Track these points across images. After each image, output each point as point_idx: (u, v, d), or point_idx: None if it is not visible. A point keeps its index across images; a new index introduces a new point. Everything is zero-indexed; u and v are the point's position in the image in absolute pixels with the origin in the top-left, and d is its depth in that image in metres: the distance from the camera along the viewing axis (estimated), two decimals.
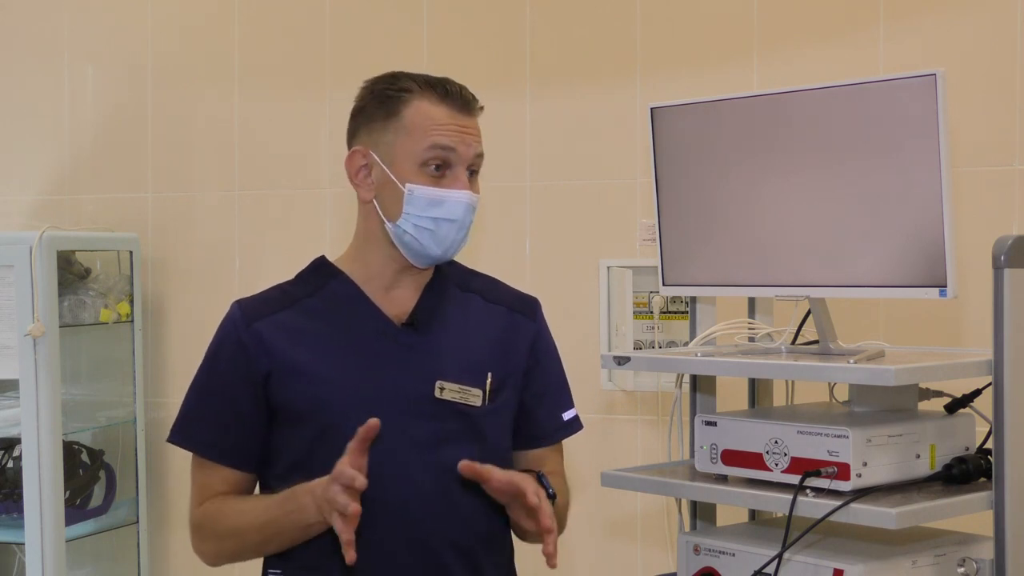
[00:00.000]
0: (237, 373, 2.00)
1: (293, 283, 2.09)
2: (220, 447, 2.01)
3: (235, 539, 1.99)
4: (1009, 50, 3.00)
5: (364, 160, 2.02)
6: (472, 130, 2.00)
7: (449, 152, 1.97)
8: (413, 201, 1.97)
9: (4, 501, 3.77)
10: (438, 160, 1.97)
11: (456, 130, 1.97)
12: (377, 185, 2.01)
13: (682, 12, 3.38)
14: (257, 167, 3.88)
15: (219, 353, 2.03)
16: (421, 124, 1.97)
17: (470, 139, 1.99)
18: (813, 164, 2.07)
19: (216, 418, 2.01)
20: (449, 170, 1.98)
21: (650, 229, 3.30)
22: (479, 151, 2.01)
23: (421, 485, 1.98)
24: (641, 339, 3.37)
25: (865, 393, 2.14)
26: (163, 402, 3.99)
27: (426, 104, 1.98)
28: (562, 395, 2.16)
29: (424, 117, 1.97)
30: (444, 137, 1.97)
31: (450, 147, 1.97)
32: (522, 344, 2.10)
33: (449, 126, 1.97)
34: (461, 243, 2.02)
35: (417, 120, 1.97)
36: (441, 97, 1.98)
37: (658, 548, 3.34)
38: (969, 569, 1.99)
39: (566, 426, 2.15)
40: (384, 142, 1.99)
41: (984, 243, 1.96)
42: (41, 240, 3.62)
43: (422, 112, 1.97)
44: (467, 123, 1.99)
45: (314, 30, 3.78)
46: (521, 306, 2.14)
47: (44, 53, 4.12)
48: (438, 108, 1.98)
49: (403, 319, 2.03)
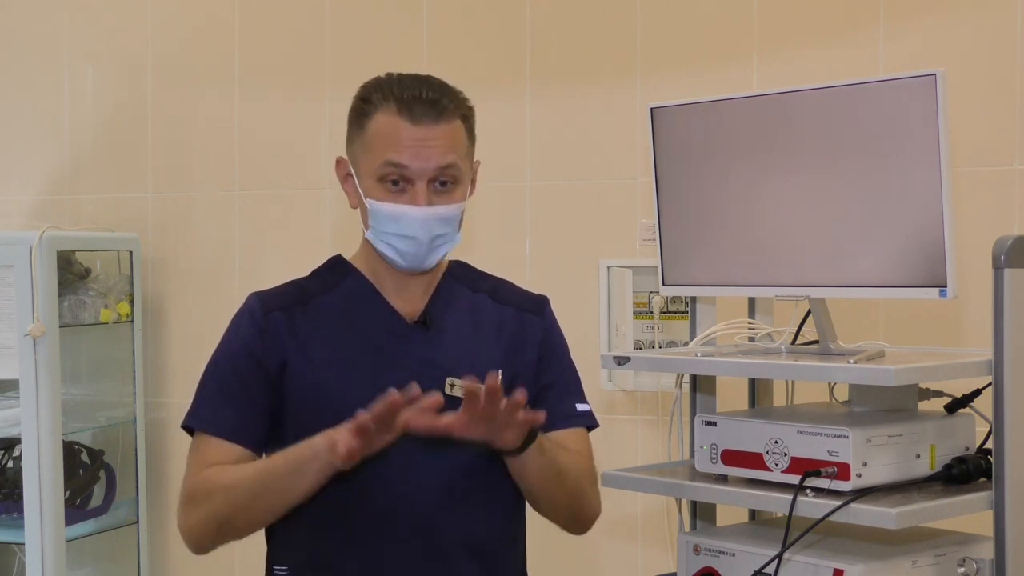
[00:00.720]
0: (253, 356, 2.00)
1: (309, 279, 2.10)
2: (229, 425, 1.99)
3: (223, 496, 1.93)
4: (1009, 50, 3.00)
5: (346, 169, 2.04)
6: (433, 142, 1.95)
7: (403, 168, 1.95)
8: (374, 215, 1.98)
9: (4, 501, 3.77)
10: (393, 176, 1.96)
11: (411, 145, 1.94)
12: (355, 194, 2.03)
13: (682, 12, 3.38)
14: (257, 167, 3.88)
15: (235, 338, 2.03)
16: (378, 139, 1.96)
17: (429, 152, 1.94)
18: (813, 164, 2.07)
19: (230, 399, 2.00)
20: (410, 185, 1.96)
21: (650, 229, 3.30)
22: (444, 162, 1.96)
23: (430, 482, 1.98)
24: (641, 339, 3.38)
25: (865, 393, 2.14)
26: (163, 402, 3.99)
27: (384, 118, 1.96)
28: (574, 388, 2.14)
29: (381, 132, 1.96)
30: (396, 154, 1.94)
31: (402, 164, 1.94)
32: (531, 342, 2.10)
33: (404, 141, 1.94)
34: (428, 257, 2.00)
35: (376, 134, 1.96)
36: (400, 110, 1.95)
37: (658, 548, 3.34)
38: (969, 569, 1.99)
39: (579, 415, 2.12)
40: (355, 153, 2.01)
41: (984, 243, 1.96)
42: (41, 240, 3.62)
43: (380, 126, 1.96)
44: (428, 135, 1.95)
45: (314, 30, 3.78)
46: (530, 305, 2.14)
47: (44, 53, 4.12)
48: (396, 121, 1.95)
49: (415, 317, 2.04)
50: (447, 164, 1.97)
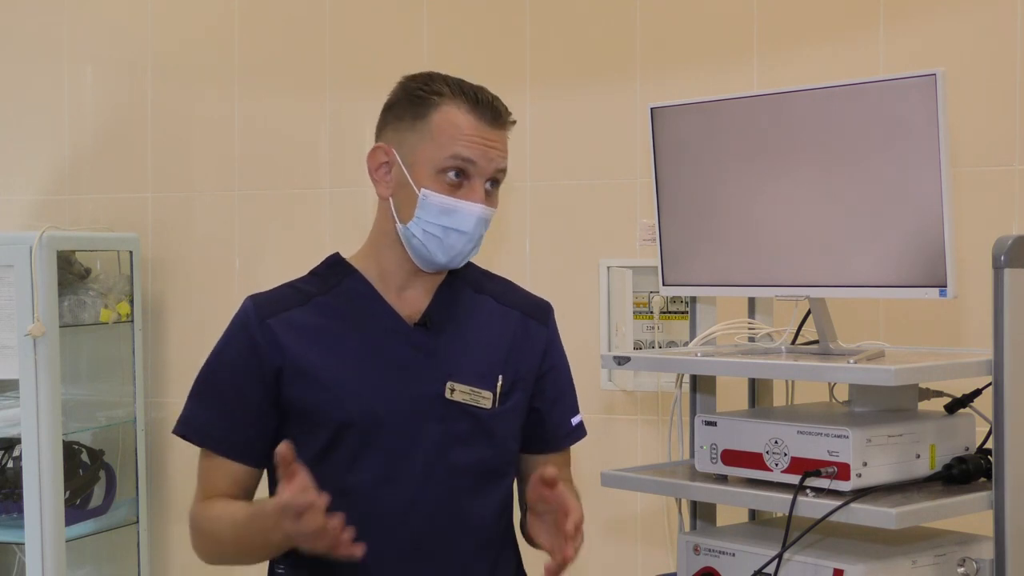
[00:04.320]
0: (248, 368, 1.98)
1: (306, 280, 2.08)
2: (226, 441, 1.99)
3: (219, 547, 1.99)
4: (1009, 50, 3.00)
5: (386, 157, 2.01)
6: (497, 144, 1.99)
7: (469, 164, 1.96)
8: (426, 206, 1.96)
9: (4, 501, 3.77)
10: (456, 169, 1.96)
11: (480, 142, 1.96)
12: (395, 184, 2.00)
13: (682, 12, 3.38)
14: (257, 167, 3.88)
15: (230, 347, 2.02)
16: (446, 131, 1.96)
17: (494, 153, 1.98)
18: (813, 164, 2.07)
19: (223, 412, 1.99)
20: (467, 181, 1.97)
21: (650, 229, 3.30)
22: (501, 166, 2.00)
23: (429, 486, 1.97)
24: (641, 339, 3.38)
25: (865, 393, 2.14)
26: (163, 402, 3.99)
27: (455, 111, 1.97)
28: (570, 400, 2.16)
29: (450, 124, 1.96)
30: (466, 148, 1.96)
31: (470, 159, 1.96)
32: (535, 350, 2.09)
33: (473, 137, 1.96)
34: (469, 254, 2.01)
35: (443, 126, 1.96)
36: (471, 106, 1.97)
37: (658, 548, 3.34)
38: (969, 569, 1.99)
39: (574, 432, 2.15)
40: (408, 142, 1.99)
41: (984, 243, 1.96)
42: (41, 240, 3.62)
43: (449, 119, 1.96)
44: (493, 136, 1.98)
45: (314, 30, 3.78)
46: (534, 311, 2.13)
47: (44, 53, 4.12)
48: (466, 117, 1.97)
49: (416, 319, 2.03)
50: (503, 168, 2.01)
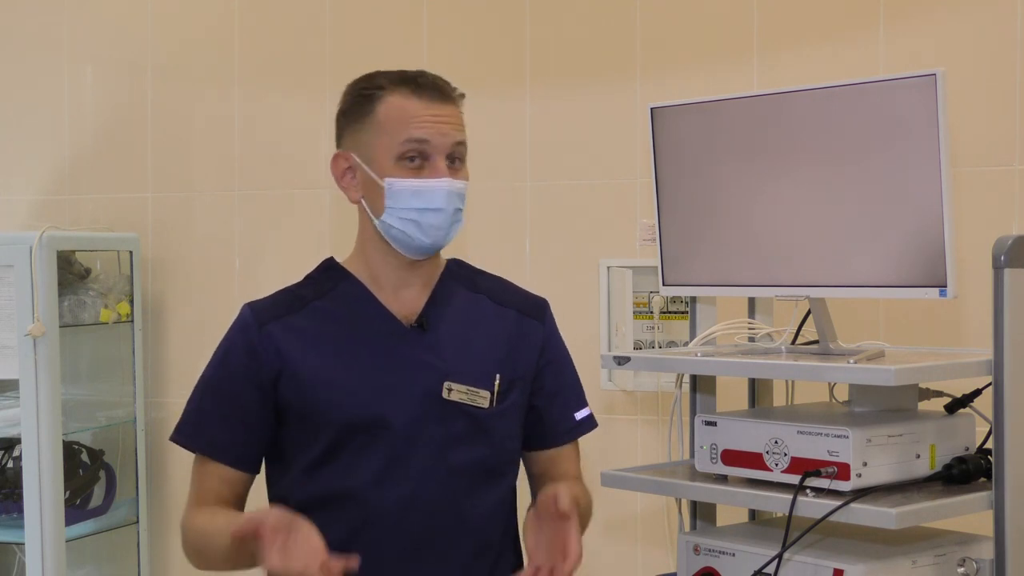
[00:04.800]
0: (247, 376, 1.99)
1: (302, 285, 2.09)
2: (222, 446, 2.00)
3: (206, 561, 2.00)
4: (1009, 50, 3.00)
5: (347, 163, 2.03)
6: (448, 118, 1.99)
7: (424, 144, 1.97)
8: (394, 195, 1.98)
9: (4, 501, 3.77)
10: (413, 152, 1.97)
11: (430, 120, 1.97)
12: (362, 186, 2.02)
13: (682, 12, 3.38)
14: (257, 167, 3.88)
15: (229, 355, 2.03)
16: (395, 118, 1.98)
17: (446, 128, 1.98)
18: (813, 164, 2.07)
19: (221, 419, 2.01)
20: (427, 161, 1.98)
21: (650, 229, 3.30)
22: (458, 139, 2.00)
23: (428, 486, 1.97)
24: (641, 339, 3.38)
25: (865, 393, 2.14)
26: (163, 402, 3.99)
27: (399, 99, 1.98)
28: (574, 395, 2.14)
29: (397, 111, 1.98)
30: (418, 129, 1.97)
31: (423, 139, 1.97)
32: (531, 348, 2.09)
33: (423, 117, 1.97)
34: (450, 230, 2.01)
35: (391, 115, 1.98)
36: (413, 90, 1.98)
37: (658, 548, 3.34)
38: (969, 569, 1.99)
39: (578, 426, 2.13)
40: (363, 141, 2.01)
41: (984, 243, 1.96)
42: (41, 240, 3.62)
43: (395, 106, 1.98)
44: (442, 112, 1.99)
45: (314, 30, 3.78)
46: (530, 309, 2.13)
47: (44, 53, 4.12)
48: (410, 101, 1.98)
49: (412, 320, 2.03)
50: (460, 140, 2.01)
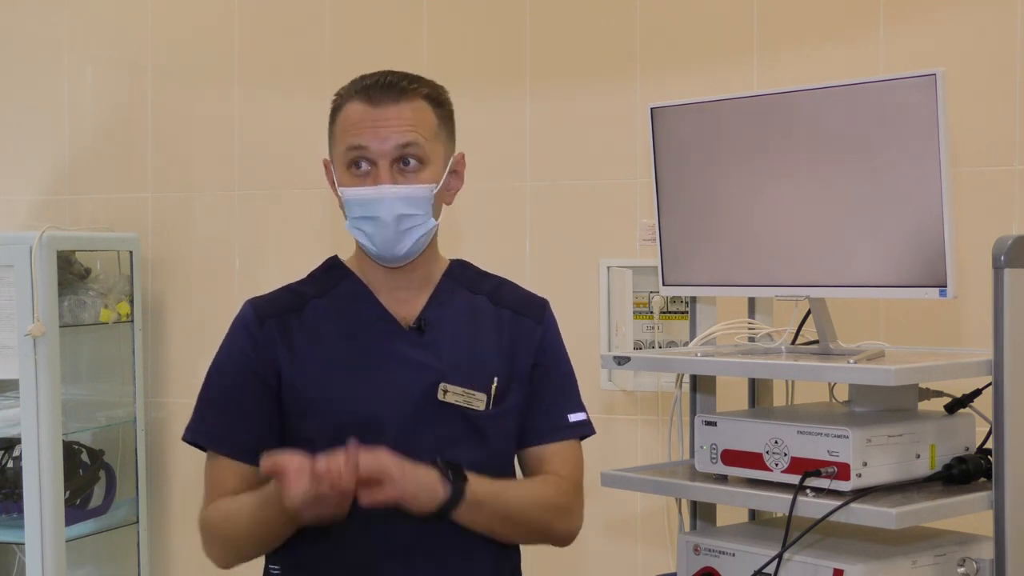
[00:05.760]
0: (251, 369, 2.00)
1: (304, 283, 2.10)
2: (232, 442, 2.00)
3: (233, 544, 1.99)
4: (1009, 50, 3.00)
5: (328, 170, 2.06)
6: (389, 121, 1.96)
7: (363, 151, 1.97)
8: (347, 204, 2.00)
9: (4, 501, 3.77)
10: (354, 160, 1.98)
11: (368, 126, 1.96)
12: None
13: (682, 12, 3.38)
14: (257, 167, 3.88)
15: (231, 351, 2.03)
16: (342, 127, 2.00)
17: (385, 132, 1.96)
18: (813, 164, 2.07)
19: (230, 415, 2.01)
20: (373, 167, 1.98)
21: (650, 229, 3.30)
22: (403, 141, 1.96)
23: None
24: (641, 339, 3.38)
25: (865, 393, 2.14)
26: (163, 402, 3.99)
27: (349, 106, 2.00)
28: (567, 395, 2.11)
29: (344, 119, 1.99)
30: (356, 136, 1.97)
31: (360, 145, 1.97)
32: (529, 347, 2.08)
33: (363, 123, 1.96)
34: (400, 240, 1.98)
35: (342, 124, 2.00)
36: (364, 96, 1.98)
37: (658, 548, 3.34)
38: (969, 569, 1.99)
39: (570, 427, 2.08)
40: (332, 151, 2.04)
41: (984, 243, 1.96)
42: (41, 240, 3.62)
43: (345, 115, 2.00)
44: (386, 115, 1.96)
45: (314, 30, 3.78)
46: (528, 309, 2.12)
47: (44, 53, 4.12)
48: (355, 107, 1.98)
49: (411, 321, 2.03)
50: (406, 143, 1.96)
